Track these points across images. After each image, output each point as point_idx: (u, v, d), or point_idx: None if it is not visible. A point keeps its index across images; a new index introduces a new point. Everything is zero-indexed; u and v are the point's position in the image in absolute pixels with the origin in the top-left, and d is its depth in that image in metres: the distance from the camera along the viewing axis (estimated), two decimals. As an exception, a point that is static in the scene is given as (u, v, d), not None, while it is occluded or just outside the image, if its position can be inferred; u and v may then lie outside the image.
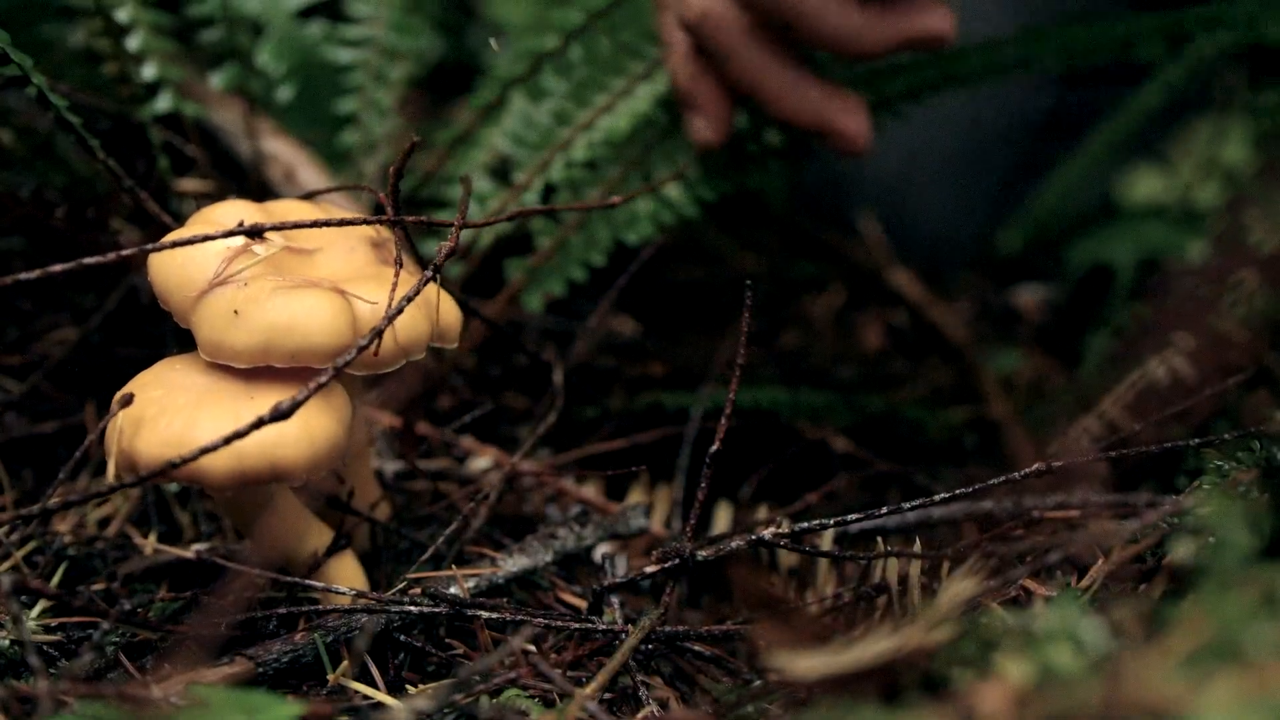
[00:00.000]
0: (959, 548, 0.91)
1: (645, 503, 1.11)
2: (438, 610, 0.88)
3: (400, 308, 0.82)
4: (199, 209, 0.91)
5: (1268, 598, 0.56)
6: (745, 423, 1.23)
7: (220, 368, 0.83)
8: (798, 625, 0.73)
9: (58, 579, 0.96)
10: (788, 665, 0.65)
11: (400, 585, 0.93)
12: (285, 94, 1.33)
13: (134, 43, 1.17)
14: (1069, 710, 0.54)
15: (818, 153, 1.19)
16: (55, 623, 0.90)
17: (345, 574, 0.92)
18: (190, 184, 1.20)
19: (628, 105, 1.20)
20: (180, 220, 0.96)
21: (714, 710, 0.85)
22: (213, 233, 0.84)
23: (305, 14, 1.37)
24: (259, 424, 0.76)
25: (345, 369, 0.80)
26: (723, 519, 1.15)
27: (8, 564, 0.95)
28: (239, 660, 0.85)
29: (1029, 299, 1.64)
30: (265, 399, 0.79)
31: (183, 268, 0.84)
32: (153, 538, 1.01)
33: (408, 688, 0.88)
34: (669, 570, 0.91)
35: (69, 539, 0.99)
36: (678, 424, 1.20)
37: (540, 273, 1.19)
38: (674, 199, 1.17)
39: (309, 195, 1.04)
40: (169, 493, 1.06)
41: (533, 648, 0.90)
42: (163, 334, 1.16)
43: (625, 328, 1.43)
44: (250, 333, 0.81)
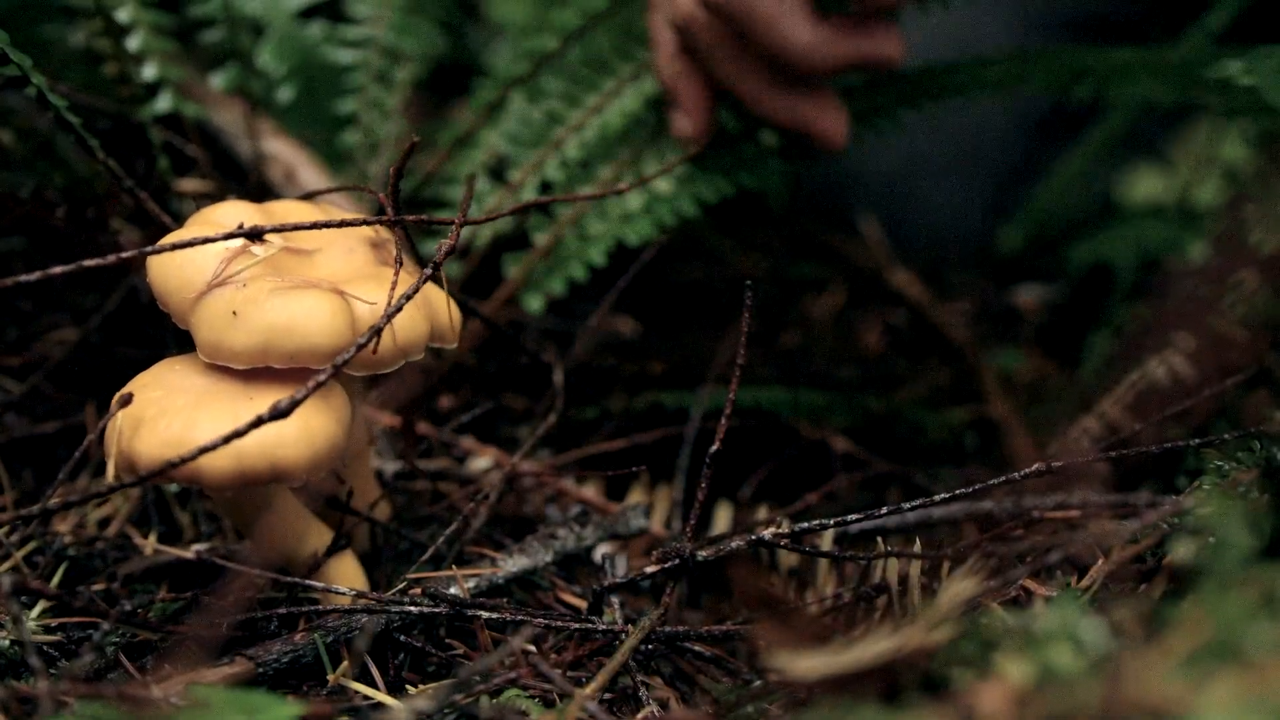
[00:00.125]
0: (959, 548, 0.91)
1: (645, 503, 1.11)
2: (438, 610, 0.88)
3: (399, 306, 0.82)
4: (199, 209, 0.91)
5: (1268, 598, 0.56)
6: (745, 423, 1.23)
7: (219, 368, 0.83)
8: (798, 625, 0.73)
9: (58, 579, 0.96)
10: (788, 665, 0.65)
11: (400, 585, 0.93)
12: (286, 95, 1.33)
13: (134, 43, 1.17)
14: (1069, 710, 0.54)
15: (818, 154, 1.20)
16: (55, 623, 0.90)
17: (345, 574, 0.92)
18: (190, 184, 1.20)
19: (618, 105, 1.21)
20: (180, 220, 0.96)
21: (714, 710, 0.85)
22: (212, 234, 0.84)
23: (306, 14, 1.37)
24: (258, 423, 0.76)
25: (344, 369, 0.80)
26: (723, 519, 1.15)
27: (8, 564, 0.95)
28: (239, 660, 0.85)
29: (1029, 299, 1.64)
30: (264, 399, 0.79)
31: (182, 269, 0.84)
32: (153, 538, 1.01)
33: (408, 688, 0.88)
34: (669, 570, 0.91)
35: (69, 539, 0.99)
36: (678, 424, 1.20)
37: (541, 273, 1.19)
38: (673, 198, 1.17)
39: (308, 196, 1.04)
40: (169, 493, 1.06)
41: (533, 648, 0.90)
42: (163, 334, 1.16)
43: (625, 328, 1.43)
44: (249, 333, 0.81)
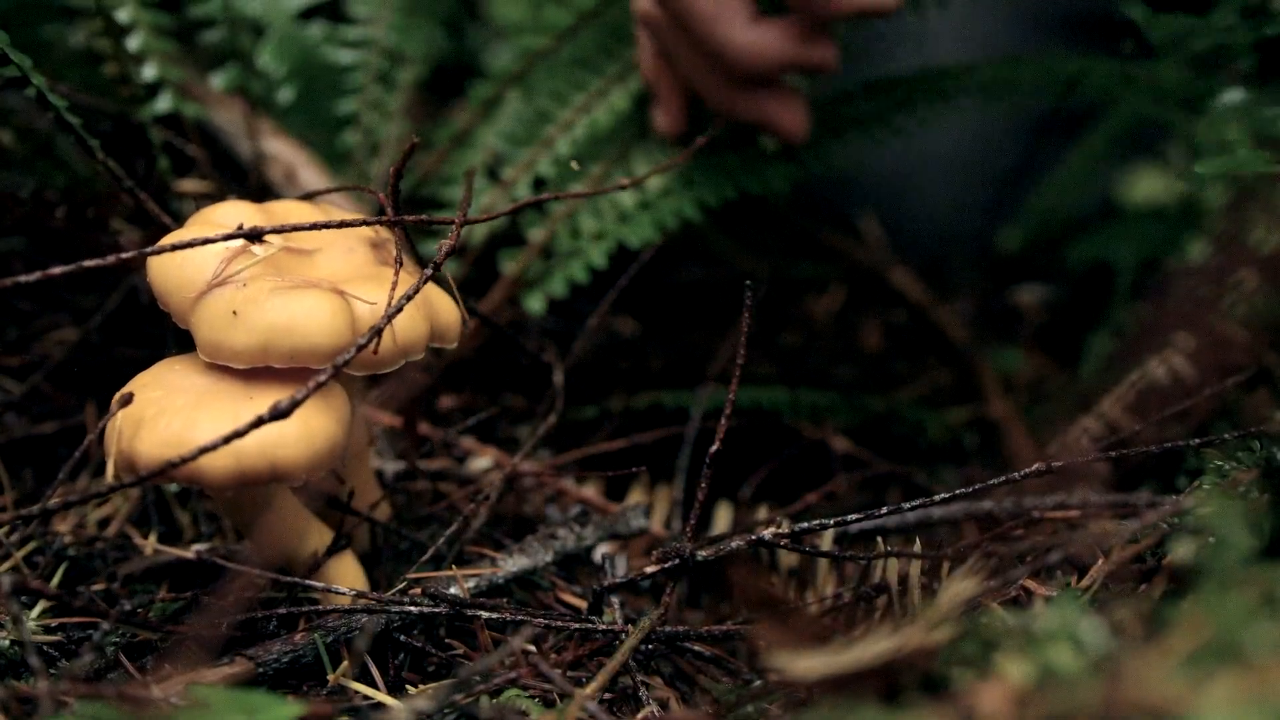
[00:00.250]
0: (959, 548, 0.91)
1: (645, 503, 1.11)
2: (438, 610, 0.88)
3: (399, 306, 0.82)
4: (199, 209, 0.91)
5: (1268, 598, 0.56)
6: (745, 423, 1.23)
7: (219, 368, 0.83)
8: (798, 625, 0.73)
9: (58, 579, 0.96)
10: (788, 665, 0.65)
11: (400, 585, 0.93)
12: (286, 95, 1.33)
13: (134, 43, 1.17)
14: (1069, 710, 0.54)
15: (827, 168, 1.21)
16: (55, 623, 0.90)
17: (345, 574, 0.92)
18: (190, 184, 1.20)
19: (607, 103, 1.21)
20: (180, 221, 0.96)
21: (714, 710, 0.85)
22: (212, 234, 0.84)
23: (306, 15, 1.37)
24: (258, 423, 0.76)
25: (344, 369, 0.80)
26: (723, 519, 1.15)
27: (8, 564, 0.95)
28: (239, 660, 0.85)
29: (1029, 299, 1.64)
30: (265, 399, 0.79)
31: (182, 269, 0.84)
32: (153, 538, 1.01)
33: (408, 688, 0.88)
34: (669, 570, 0.91)
35: (69, 539, 0.99)
36: (678, 424, 1.20)
37: (541, 273, 1.19)
38: (675, 200, 1.17)
39: (308, 196, 1.04)
40: (169, 493, 1.06)
41: (533, 648, 0.90)
42: (162, 334, 1.16)
43: (625, 328, 1.43)
44: (249, 333, 0.81)
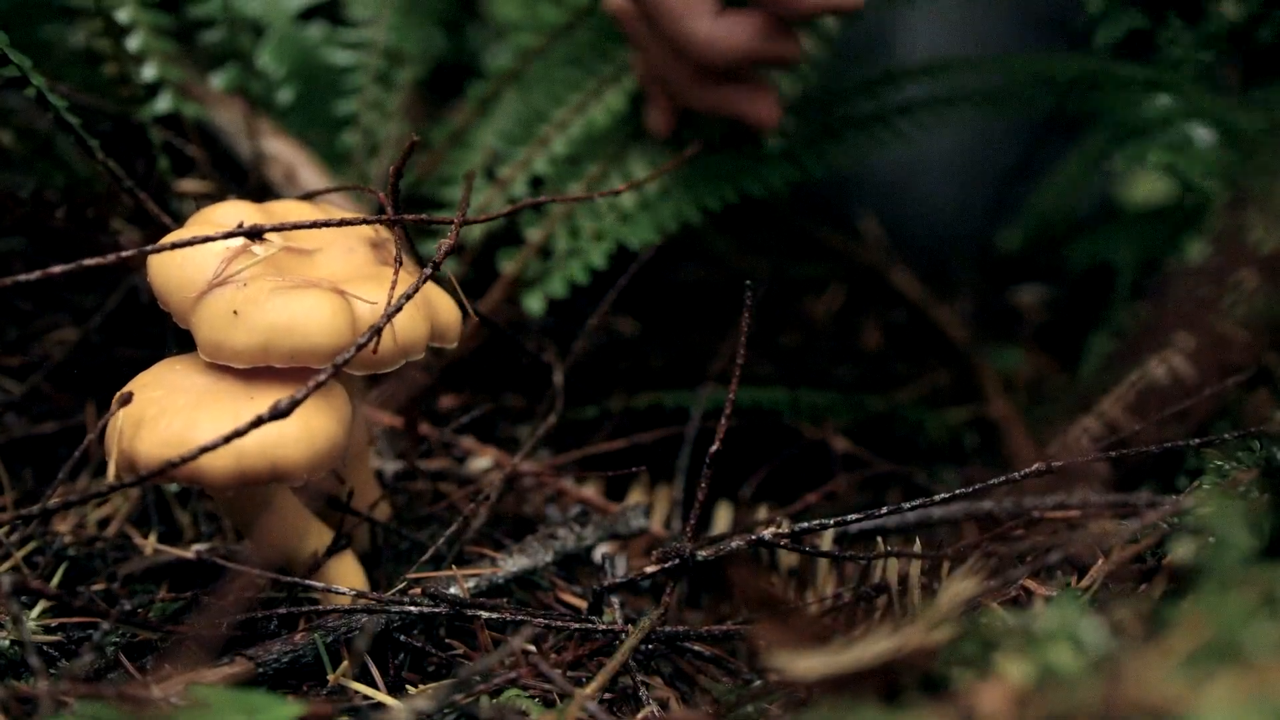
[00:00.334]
0: (959, 548, 0.91)
1: (645, 503, 1.11)
2: (438, 610, 0.88)
3: (399, 306, 0.82)
4: (199, 209, 0.91)
5: (1268, 598, 0.56)
6: (745, 423, 1.23)
7: (220, 368, 0.83)
8: (798, 625, 0.73)
9: (58, 579, 0.96)
10: (788, 665, 0.65)
11: (400, 585, 0.93)
12: (286, 96, 1.33)
13: (134, 43, 1.17)
14: (1069, 710, 0.54)
15: (827, 169, 1.21)
16: (55, 623, 0.90)
17: (345, 574, 0.92)
18: (190, 184, 1.20)
19: (603, 102, 1.21)
20: (180, 221, 0.96)
21: (714, 710, 0.85)
22: (212, 234, 0.84)
23: (305, 16, 1.37)
24: (258, 423, 0.76)
25: (345, 368, 0.80)
26: (723, 519, 1.15)
27: (8, 564, 0.95)
28: (239, 660, 0.85)
29: (1029, 299, 1.64)
30: (265, 399, 0.79)
31: (182, 268, 0.84)
32: (153, 538, 1.01)
33: (408, 688, 0.88)
34: (669, 570, 0.91)
35: (69, 539, 0.99)
36: (678, 424, 1.20)
37: (541, 273, 1.19)
38: (675, 202, 1.17)
39: (308, 196, 1.04)
40: (169, 493, 1.06)
41: (533, 648, 0.90)
42: (163, 334, 1.16)
43: (625, 328, 1.43)
44: (250, 333, 0.81)
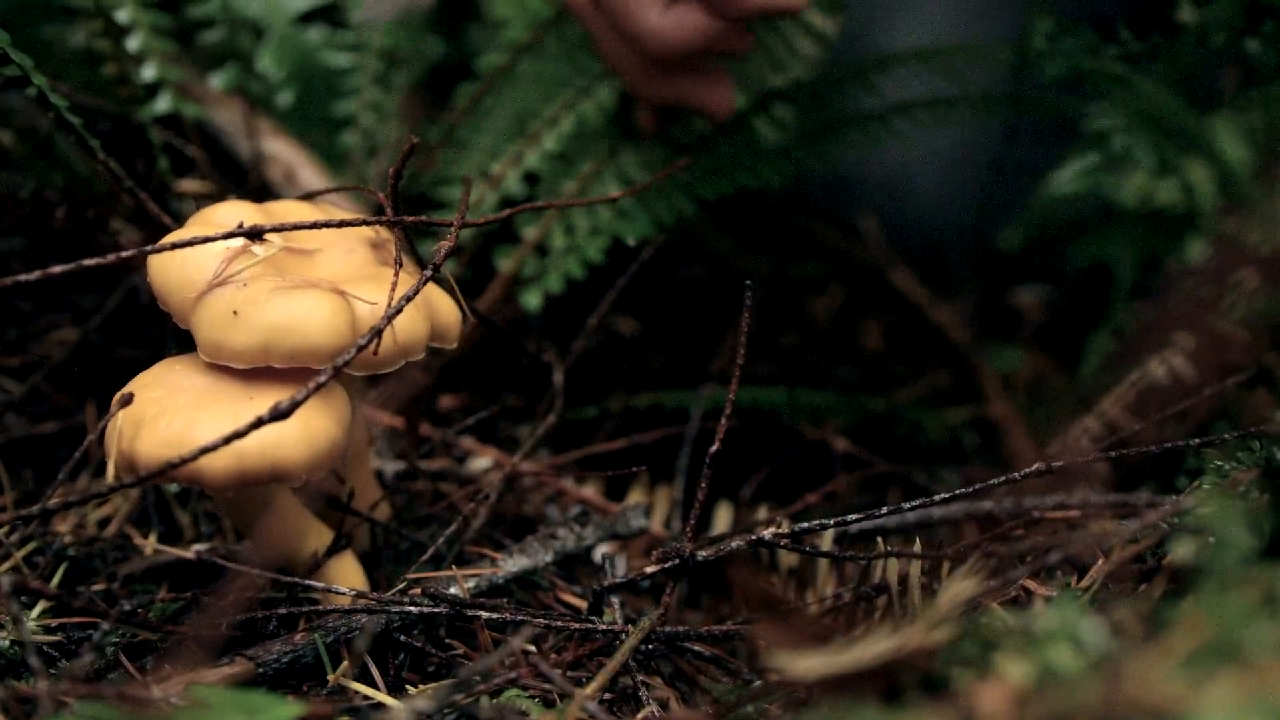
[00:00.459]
0: (959, 548, 0.91)
1: (645, 503, 1.11)
2: (438, 610, 0.88)
3: (399, 307, 0.82)
4: (199, 209, 0.91)
5: (1268, 598, 0.56)
6: (745, 423, 1.23)
7: (220, 368, 0.83)
8: (798, 625, 0.73)
9: (58, 579, 0.96)
10: (788, 665, 0.65)
11: (400, 585, 0.93)
12: (285, 98, 1.33)
13: (134, 44, 1.17)
14: (1069, 710, 0.54)
15: (823, 163, 1.21)
16: (55, 623, 0.90)
17: (345, 574, 0.92)
18: (190, 184, 1.20)
19: (592, 99, 1.20)
20: (180, 221, 0.96)
21: (714, 710, 0.85)
22: (212, 234, 0.84)
23: (305, 18, 1.36)
24: (258, 424, 0.76)
25: (345, 369, 0.80)
26: (723, 519, 1.15)
27: (8, 564, 0.95)
28: (239, 660, 0.85)
29: (1029, 299, 1.64)
30: (265, 399, 0.79)
31: (182, 269, 0.84)
32: (153, 538, 1.01)
33: (408, 688, 0.88)
34: (669, 570, 0.91)
35: (69, 539, 0.99)
36: (678, 424, 1.20)
37: (538, 270, 1.18)
38: (670, 196, 1.17)
39: (308, 196, 1.04)
40: (169, 493, 1.06)
41: (533, 648, 0.90)
42: (163, 334, 1.16)
43: (625, 327, 1.43)
44: (250, 333, 0.81)
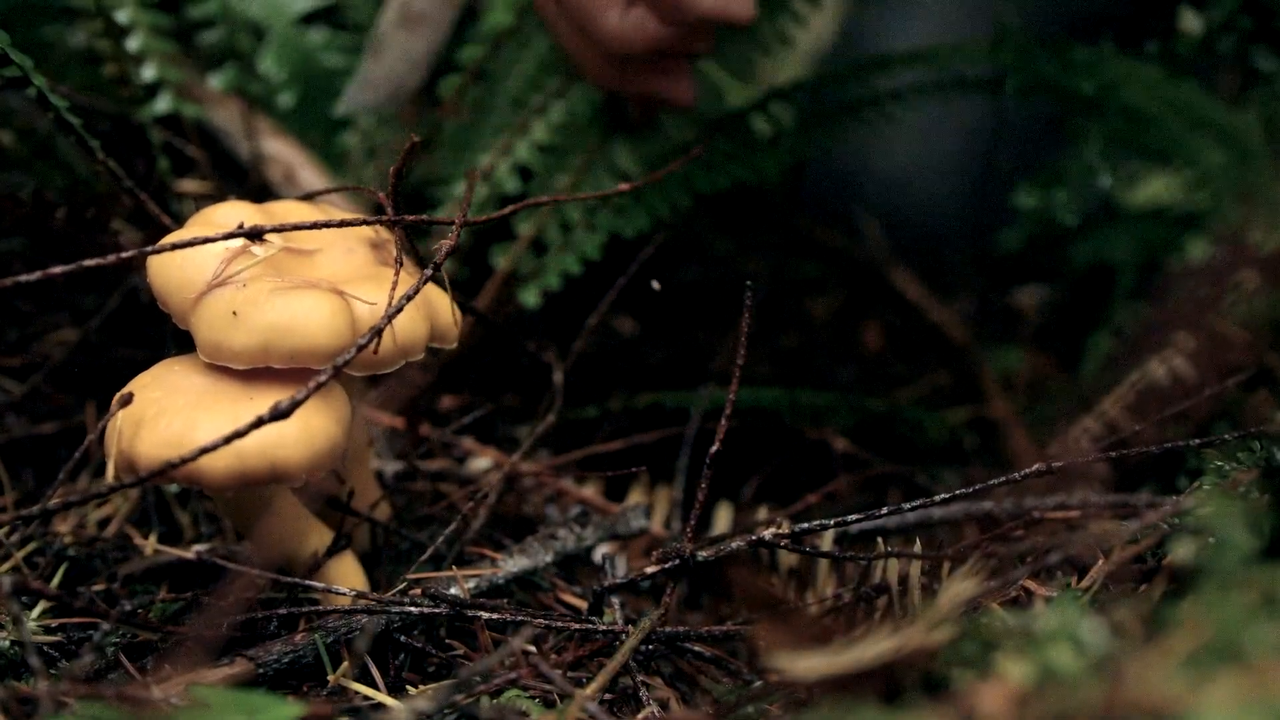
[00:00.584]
0: (959, 548, 0.91)
1: (645, 503, 1.11)
2: (438, 611, 0.88)
3: (399, 307, 0.82)
4: (199, 210, 0.91)
5: (1268, 598, 0.56)
6: (745, 423, 1.22)
7: (219, 369, 0.83)
8: (798, 626, 0.73)
9: (58, 580, 0.96)
10: (788, 666, 0.65)
11: (400, 586, 0.93)
12: (286, 100, 1.33)
13: (134, 44, 1.17)
14: (1069, 710, 0.54)
15: (819, 153, 1.21)
16: (55, 623, 0.90)
17: (345, 574, 0.92)
18: (190, 185, 1.20)
19: (581, 87, 1.18)
20: (180, 221, 0.96)
21: (714, 711, 0.85)
22: (212, 234, 0.84)
23: (306, 20, 1.36)
24: (258, 424, 0.76)
25: (344, 369, 0.80)
26: (723, 519, 1.15)
27: (8, 564, 0.95)
28: (239, 661, 0.85)
29: (1029, 299, 1.64)
30: (265, 400, 0.79)
31: (182, 269, 0.84)
32: (153, 538, 1.01)
33: (408, 688, 0.88)
34: (669, 571, 0.91)
35: (69, 540, 0.99)
36: (678, 424, 1.20)
37: (536, 266, 1.18)
38: (666, 190, 1.16)
39: (308, 196, 1.04)
40: (169, 493, 1.06)
41: (533, 648, 0.90)
42: (162, 335, 1.15)
43: (625, 327, 1.43)
44: (249, 333, 0.81)
